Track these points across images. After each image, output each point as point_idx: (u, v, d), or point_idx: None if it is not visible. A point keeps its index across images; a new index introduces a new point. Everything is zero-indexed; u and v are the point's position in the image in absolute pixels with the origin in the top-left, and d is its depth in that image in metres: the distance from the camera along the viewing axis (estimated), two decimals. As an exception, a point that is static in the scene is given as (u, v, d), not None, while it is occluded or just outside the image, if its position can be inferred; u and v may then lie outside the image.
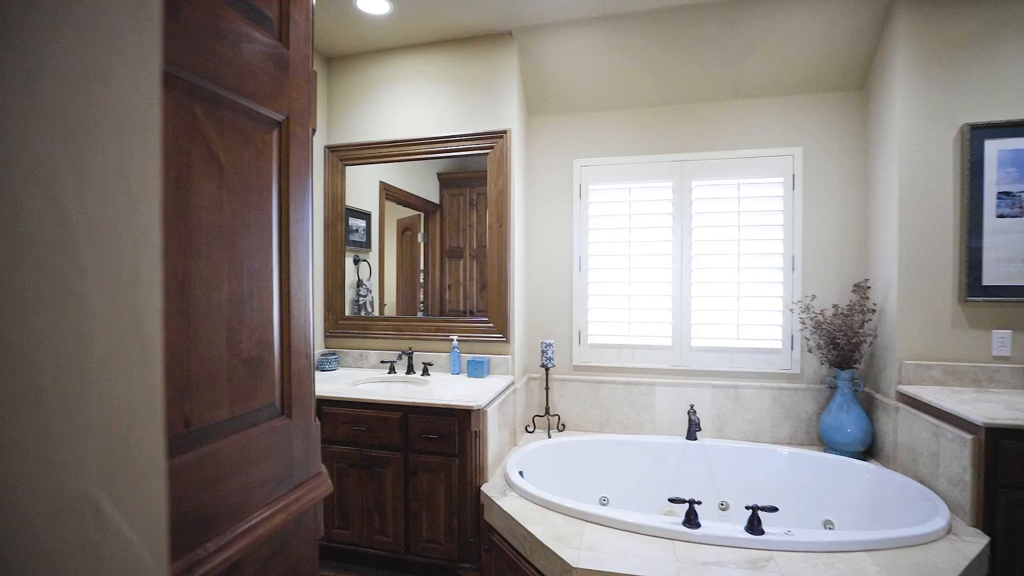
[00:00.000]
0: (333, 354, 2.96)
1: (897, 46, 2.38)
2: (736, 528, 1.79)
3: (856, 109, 2.72)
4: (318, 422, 0.93)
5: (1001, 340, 2.28)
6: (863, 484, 2.34)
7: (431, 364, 2.82)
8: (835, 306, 2.60)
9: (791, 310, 2.72)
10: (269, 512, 0.79)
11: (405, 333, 2.94)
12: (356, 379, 2.68)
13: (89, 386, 0.27)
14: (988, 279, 2.28)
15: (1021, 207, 2.25)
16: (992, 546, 1.79)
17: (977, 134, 2.28)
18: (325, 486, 0.93)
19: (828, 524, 2.35)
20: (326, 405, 2.36)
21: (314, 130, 0.88)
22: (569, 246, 3.03)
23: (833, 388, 2.61)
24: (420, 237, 3.14)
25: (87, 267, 0.26)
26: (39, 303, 0.24)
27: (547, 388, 2.89)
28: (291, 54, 0.82)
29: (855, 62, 2.63)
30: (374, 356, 2.97)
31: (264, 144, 0.77)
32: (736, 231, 2.78)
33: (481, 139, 2.82)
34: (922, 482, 2.14)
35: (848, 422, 2.51)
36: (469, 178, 2.96)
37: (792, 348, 2.74)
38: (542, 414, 2.96)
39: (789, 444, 2.72)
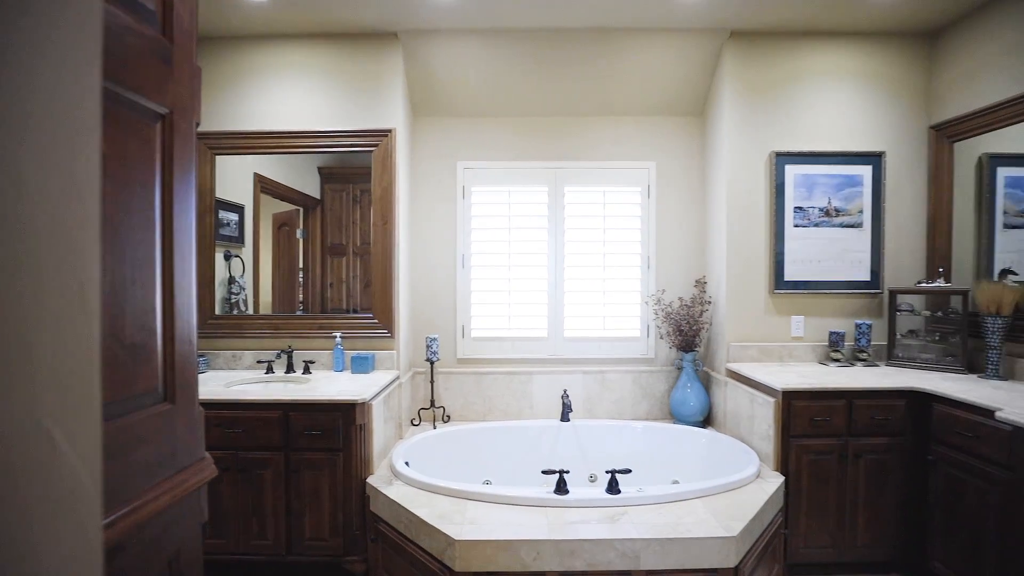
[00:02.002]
0: (201, 356, 2.76)
1: (724, 83, 2.88)
2: (599, 491, 2.06)
3: (697, 132, 3.21)
4: (202, 408, 0.95)
5: (796, 324, 2.87)
6: (701, 447, 2.79)
7: (313, 362, 2.77)
8: (680, 299, 3.06)
9: (647, 303, 3.13)
10: (152, 495, 0.81)
11: (284, 331, 2.85)
12: (230, 380, 2.55)
13: (45, 335, 0.32)
14: (788, 275, 2.85)
15: (808, 219, 2.85)
16: (786, 483, 2.28)
17: (780, 160, 2.85)
18: (209, 470, 0.96)
19: (675, 482, 2.76)
20: (195, 409, 2.21)
21: (198, 124, 0.90)
22: (453, 244, 3.16)
23: (680, 369, 3.06)
24: (299, 233, 3.05)
25: (44, 241, 0.31)
26: (7, 266, 0.29)
27: (432, 381, 3.00)
28: (175, 48, 0.84)
29: (696, 92, 3.10)
30: (249, 356, 2.83)
31: (147, 136, 0.79)
32: (602, 233, 3.13)
33: (366, 136, 2.83)
34: (743, 440, 2.63)
35: (691, 397, 2.97)
36: (352, 174, 2.95)
37: (648, 336, 3.15)
38: (427, 407, 3.05)
39: (646, 419, 3.13)
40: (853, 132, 2.88)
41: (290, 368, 2.72)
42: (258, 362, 2.79)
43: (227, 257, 2.91)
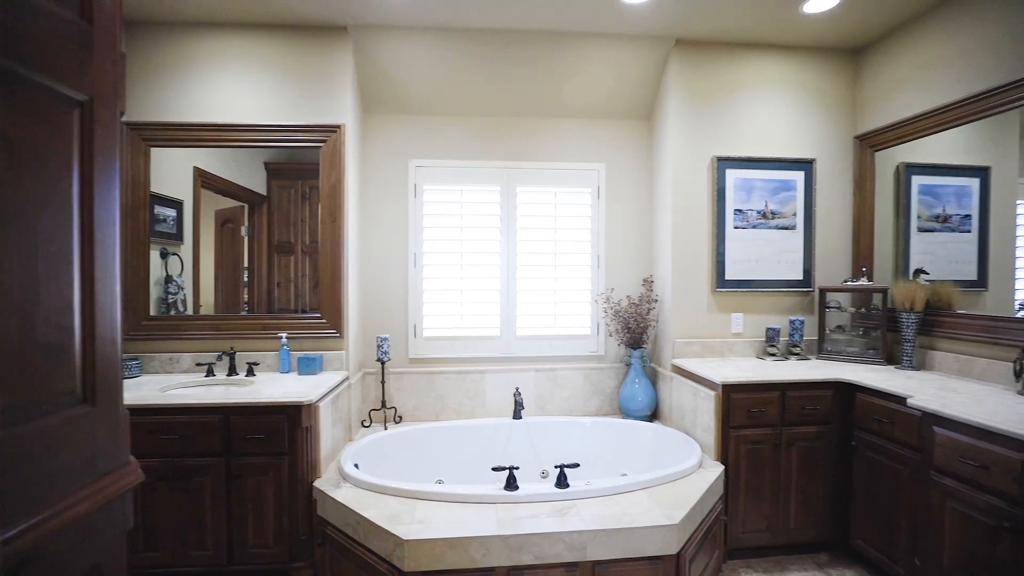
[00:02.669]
0: (134, 359, 2.61)
1: (670, 89, 2.99)
2: (548, 486, 2.09)
3: (645, 136, 3.32)
4: (127, 411, 0.91)
5: (737, 320, 3.01)
6: (648, 440, 2.89)
7: (257, 364, 2.67)
8: (629, 297, 3.15)
9: (596, 301, 3.21)
10: (68, 503, 0.77)
11: (226, 332, 2.73)
12: (166, 384, 2.43)
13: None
14: (729, 275, 2.99)
15: (747, 221, 3.00)
16: (726, 471, 2.40)
17: (722, 164, 2.98)
18: (135, 475, 0.91)
19: (624, 474, 2.84)
20: (126, 415, 2.09)
21: (122, 113, 0.86)
22: (404, 243, 3.13)
23: (628, 365, 3.16)
24: (244, 230, 2.94)
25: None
26: None
27: (383, 382, 2.95)
28: (95, 32, 0.80)
29: (644, 97, 3.20)
30: (187, 359, 2.70)
31: (64, 124, 0.74)
32: (553, 232, 3.19)
33: (313, 131, 2.77)
34: (687, 433, 2.74)
35: (639, 392, 3.06)
36: (301, 170, 2.87)
37: (598, 333, 3.23)
38: (379, 407, 3.01)
39: (597, 415, 3.21)
40: (787, 139, 3.05)
41: (232, 370, 2.61)
42: (197, 365, 2.67)
43: (164, 255, 2.76)
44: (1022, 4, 2.18)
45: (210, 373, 2.59)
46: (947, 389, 2.16)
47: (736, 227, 3.00)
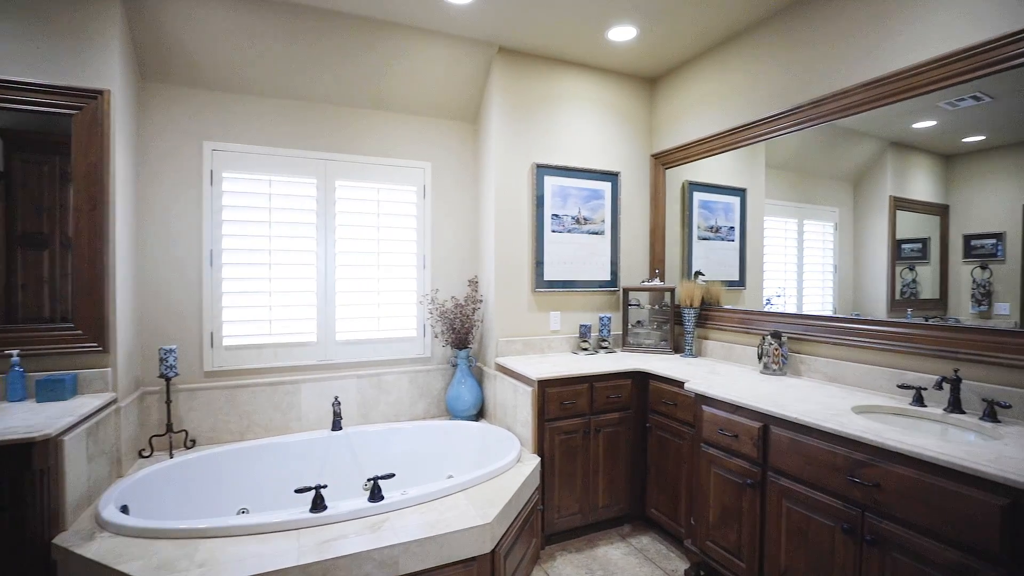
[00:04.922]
0: None
1: (494, 95, 3.05)
2: (360, 501, 1.96)
3: (471, 138, 3.35)
4: None
5: (555, 319, 3.21)
6: (473, 439, 2.91)
7: (-29, 392, 2.04)
8: (454, 297, 3.15)
9: (422, 302, 3.14)
10: None
11: (-82, 352, 2.03)
12: None
13: None
14: (547, 275, 3.17)
15: (563, 226, 3.21)
16: (542, 462, 2.52)
17: (541, 171, 3.15)
18: None
19: (450, 476, 2.82)
20: None
21: None
22: (198, 238, 2.68)
23: (455, 366, 3.15)
24: (-38, 216, 2.23)
25: None
26: None
27: (168, 402, 2.49)
28: None
29: (470, 99, 3.22)
30: None
31: None
32: (377, 231, 3.03)
33: (64, 95, 2.20)
34: (508, 429, 2.82)
35: (465, 392, 3.07)
36: (58, 143, 2.27)
37: (424, 335, 3.17)
38: (163, 432, 2.53)
39: (424, 418, 3.14)
40: (598, 152, 3.34)
41: (-73, 403, 1.95)
42: None
43: None
44: (765, 60, 2.68)
45: None
46: (714, 372, 2.56)
47: (553, 231, 3.19)
